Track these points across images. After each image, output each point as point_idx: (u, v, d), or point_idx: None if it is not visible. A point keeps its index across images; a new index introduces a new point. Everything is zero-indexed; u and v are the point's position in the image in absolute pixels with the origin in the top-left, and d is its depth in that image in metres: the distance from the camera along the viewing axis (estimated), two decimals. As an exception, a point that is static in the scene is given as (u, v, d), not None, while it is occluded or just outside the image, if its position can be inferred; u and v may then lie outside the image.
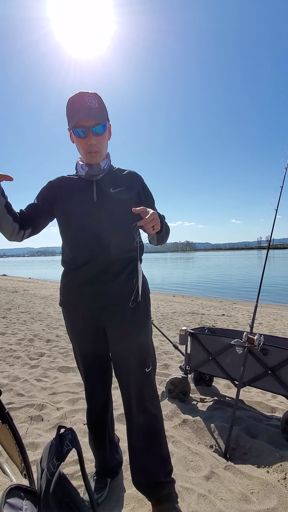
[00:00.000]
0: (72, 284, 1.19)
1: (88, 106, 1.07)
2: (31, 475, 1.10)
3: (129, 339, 1.16)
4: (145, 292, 1.22)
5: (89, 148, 1.12)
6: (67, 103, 1.11)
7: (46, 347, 3.58)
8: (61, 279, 1.25)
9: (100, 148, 1.13)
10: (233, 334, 2.22)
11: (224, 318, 5.85)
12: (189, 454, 1.60)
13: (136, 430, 1.21)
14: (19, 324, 4.87)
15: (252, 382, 1.88)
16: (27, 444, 1.65)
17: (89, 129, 1.08)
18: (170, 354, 3.31)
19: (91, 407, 1.33)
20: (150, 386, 1.21)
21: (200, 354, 2.14)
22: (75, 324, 1.23)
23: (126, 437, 1.70)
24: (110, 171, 1.22)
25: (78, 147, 1.15)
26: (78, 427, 1.86)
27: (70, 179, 1.23)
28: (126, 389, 1.21)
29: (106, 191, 1.18)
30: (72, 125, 1.10)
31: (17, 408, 2.07)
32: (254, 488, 1.38)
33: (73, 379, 2.61)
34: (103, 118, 1.11)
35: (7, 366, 2.93)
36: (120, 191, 1.19)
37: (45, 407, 2.10)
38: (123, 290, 1.15)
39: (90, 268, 1.14)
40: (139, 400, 1.19)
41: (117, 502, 1.29)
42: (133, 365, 1.17)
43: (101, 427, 1.34)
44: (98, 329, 1.19)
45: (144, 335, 1.20)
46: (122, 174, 1.24)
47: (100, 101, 1.10)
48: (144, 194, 1.26)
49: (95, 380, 1.28)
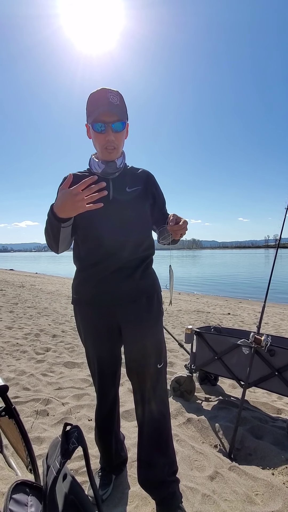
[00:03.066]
0: (86, 282, 1.19)
1: (110, 101, 1.06)
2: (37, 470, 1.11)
3: (144, 336, 1.17)
4: (158, 290, 1.24)
5: (106, 144, 1.11)
6: (88, 97, 1.10)
7: (52, 342, 3.61)
8: (74, 277, 1.24)
9: (117, 145, 1.13)
10: (239, 334, 2.20)
11: (229, 317, 5.82)
12: (193, 453, 1.60)
13: (146, 428, 1.22)
14: (25, 318, 4.93)
15: (258, 383, 1.86)
16: (33, 439, 1.67)
17: (109, 124, 1.08)
18: (175, 352, 3.30)
19: (101, 405, 1.33)
20: (161, 384, 1.22)
21: (205, 353, 2.13)
22: (90, 322, 1.22)
23: (131, 434, 1.72)
24: (125, 170, 1.22)
25: (95, 143, 1.14)
26: (83, 423, 1.87)
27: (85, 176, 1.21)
28: (138, 386, 1.22)
29: (122, 190, 1.18)
30: (91, 120, 1.09)
31: (23, 402, 2.09)
32: (259, 489, 1.37)
33: (78, 375, 2.63)
34: (123, 115, 1.10)
35: (14, 360, 2.96)
36: (136, 190, 1.19)
37: (51, 402, 2.12)
38: (138, 287, 1.16)
39: (106, 266, 1.14)
40: (150, 398, 1.19)
41: (121, 499, 1.29)
42: (147, 362, 1.18)
43: (109, 424, 1.34)
44: (113, 327, 1.20)
45: (158, 332, 1.22)
46: (137, 173, 1.25)
47: (121, 99, 1.10)
48: (157, 194, 1.27)
49: (107, 378, 1.29)
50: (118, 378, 1.34)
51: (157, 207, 1.27)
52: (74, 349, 3.37)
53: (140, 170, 1.26)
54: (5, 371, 2.66)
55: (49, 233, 1.08)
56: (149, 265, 1.24)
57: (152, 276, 1.24)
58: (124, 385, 2.35)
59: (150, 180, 1.25)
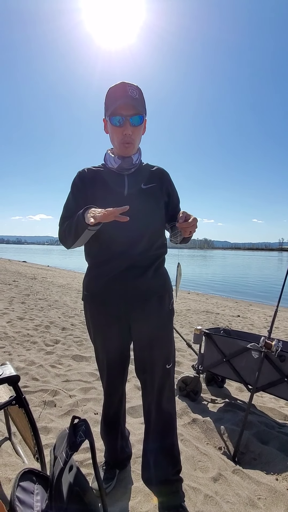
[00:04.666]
0: (99, 279, 1.18)
1: (129, 95, 1.05)
2: (43, 459, 1.14)
3: (154, 336, 1.17)
4: (169, 289, 1.24)
5: (124, 138, 1.10)
6: (107, 91, 1.10)
7: (61, 335, 3.67)
8: (85, 273, 1.25)
9: (134, 140, 1.12)
10: (249, 338, 2.17)
11: (239, 320, 5.75)
12: (197, 454, 1.60)
13: (152, 426, 1.23)
14: (36, 310, 5.02)
15: (266, 388, 1.84)
16: (40, 428, 1.71)
17: (127, 118, 1.07)
18: (182, 352, 3.30)
19: (109, 401, 1.34)
20: (169, 384, 1.22)
21: (214, 355, 2.12)
22: (101, 319, 1.21)
23: (136, 430, 1.73)
24: (140, 167, 1.22)
25: (112, 137, 1.14)
26: (89, 416, 1.90)
27: (100, 171, 1.20)
28: (146, 385, 1.22)
29: (137, 186, 1.17)
30: (109, 113, 1.08)
31: (31, 392, 2.14)
32: (262, 494, 1.36)
33: (86, 368, 2.66)
34: (142, 109, 1.09)
35: (24, 350, 3.03)
36: (151, 187, 1.19)
37: (58, 393, 2.17)
38: (150, 285, 1.16)
39: (118, 263, 1.14)
40: (158, 397, 1.20)
41: (124, 493, 1.31)
42: (156, 362, 1.18)
43: (115, 421, 1.36)
44: (123, 324, 1.20)
45: (168, 331, 1.22)
46: (152, 170, 1.24)
47: (140, 93, 1.09)
48: (172, 192, 1.27)
49: (115, 375, 1.29)
50: (126, 376, 1.35)
51: (171, 205, 1.26)
52: (83, 342, 3.41)
53: (155, 167, 1.25)
54: (15, 360, 2.73)
55: (71, 230, 1.08)
56: (161, 264, 1.23)
57: (164, 275, 1.24)
58: (130, 381, 2.37)
59: (165, 177, 1.25)
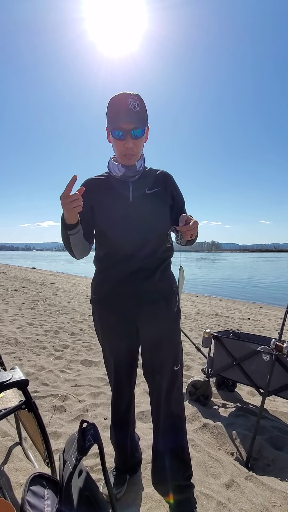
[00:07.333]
0: (106, 282, 1.20)
1: (130, 108, 1.06)
2: (53, 464, 1.14)
3: (161, 337, 1.18)
4: (176, 291, 1.24)
5: (125, 151, 1.12)
6: (108, 102, 1.11)
7: (70, 340, 3.69)
8: (93, 277, 1.26)
9: (136, 152, 1.13)
10: (259, 340, 2.14)
11: (249, 322, 5.66)
12: (209, 460, 1.57)
13: (161, 430, 1.22)
14: (46, 316, 5.06)
15: (278, 391, 1.80)
16: (50, 433, 1.71)
17: (128, 132, 1.08)
18: (192, 356, 3.26)
19: (116, 405, 1.34)
20: (177, 386, 1.22)
21: (224, 358, 2.09)
22: (107, 322, 1.23)
23: (146, 436, 1.72)
24: (144, 172, 1.23)
25: (114, 148, 1.16)
26: (99, 421, 1.89)
27: (103, 180, 1.22)
28: (154, 387, 1.22)
29: (141, 191, 1.18)
30: (111, 127, 1.10)
31: (41, 397, 2.15)
32: (277, 501, 1.33)
33: (95, 373, 2.66)
34: (143, 122, 1.10)
35: (34, 355, 3.05)
36: (155, 192, 1.19)
37: (68, 398, 2.17)
38: (157, 288, 1.17)
39: (125, 267, 1.15)
40: (166, 399, 1.19)
41: (135, 499, 1.29)
42: (164, 364, 1.18)
43: (124, 425, 1.35)
44: (131, 327, 1.20)
45: (175, 334, 1.22)
46: (156, 174, 1.25)
47: (141, 103, 1.10)
48: (177, 195, 1.27)
49: (123, 379, 1.29)
50: (134, 379, 1.35)
51: (176, 209, 1.26)
52: (92, 347, 3.42)
53: (159, 171, 1.26)
54: (25, 365, 2.75)
55: (63, 241, 1.12)
56: (167, 267, 1.24)
57: (171, 278, 1.24)
58: (140, 386, 2.36)
59: (169, 181, 1.25)
